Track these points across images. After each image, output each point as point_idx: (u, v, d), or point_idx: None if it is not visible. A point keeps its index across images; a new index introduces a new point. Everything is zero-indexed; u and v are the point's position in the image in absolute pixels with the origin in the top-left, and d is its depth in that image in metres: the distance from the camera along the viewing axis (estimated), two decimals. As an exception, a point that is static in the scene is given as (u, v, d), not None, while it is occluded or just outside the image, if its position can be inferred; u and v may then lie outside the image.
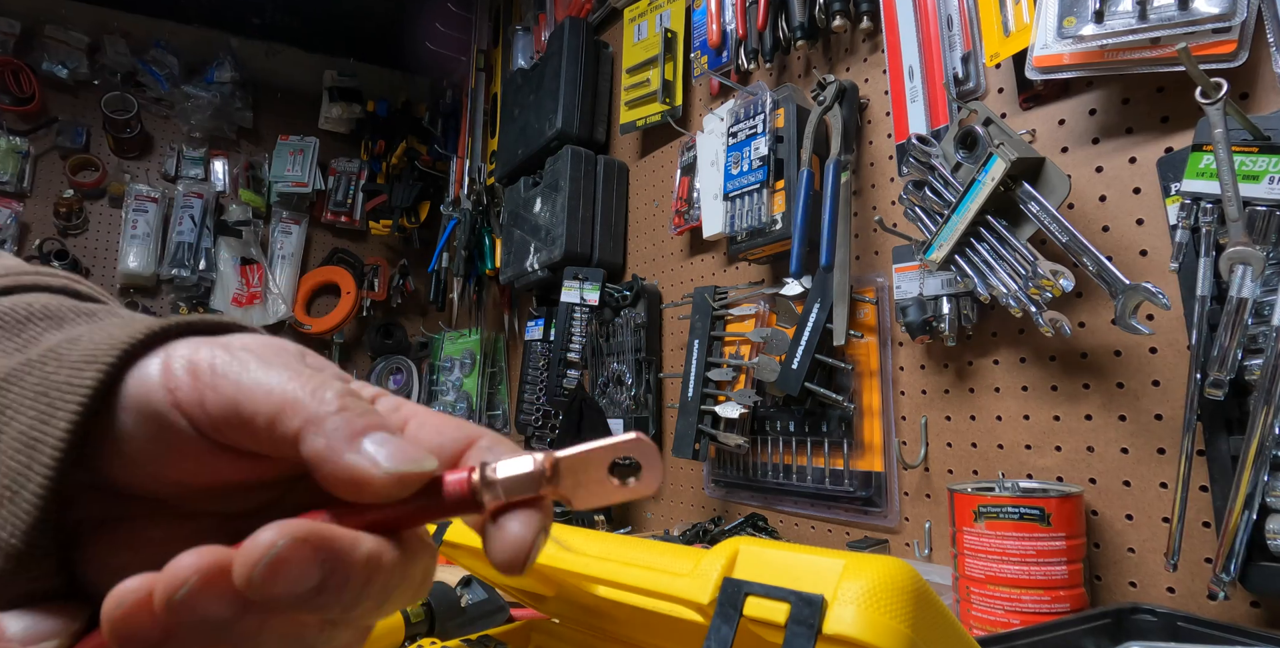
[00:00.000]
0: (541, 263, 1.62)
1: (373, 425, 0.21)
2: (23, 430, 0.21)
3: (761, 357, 1.08)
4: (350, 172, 2.56)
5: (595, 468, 0.22)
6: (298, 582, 0.18)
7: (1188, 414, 0.63)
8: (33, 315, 0.25)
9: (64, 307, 0.25)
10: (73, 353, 0.22)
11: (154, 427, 0.22)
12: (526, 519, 0.21)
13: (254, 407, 0.21)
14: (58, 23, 2.23)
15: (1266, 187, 0.59)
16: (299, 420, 0.21)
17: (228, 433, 0.22)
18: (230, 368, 0.22)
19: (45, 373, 0.22)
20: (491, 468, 0.21)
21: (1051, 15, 0.72)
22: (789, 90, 1.11)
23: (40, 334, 0.24)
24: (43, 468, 0.21)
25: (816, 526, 1.07)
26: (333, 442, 0.20)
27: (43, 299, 0.26)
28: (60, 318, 0.25)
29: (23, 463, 0.21)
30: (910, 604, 0.31)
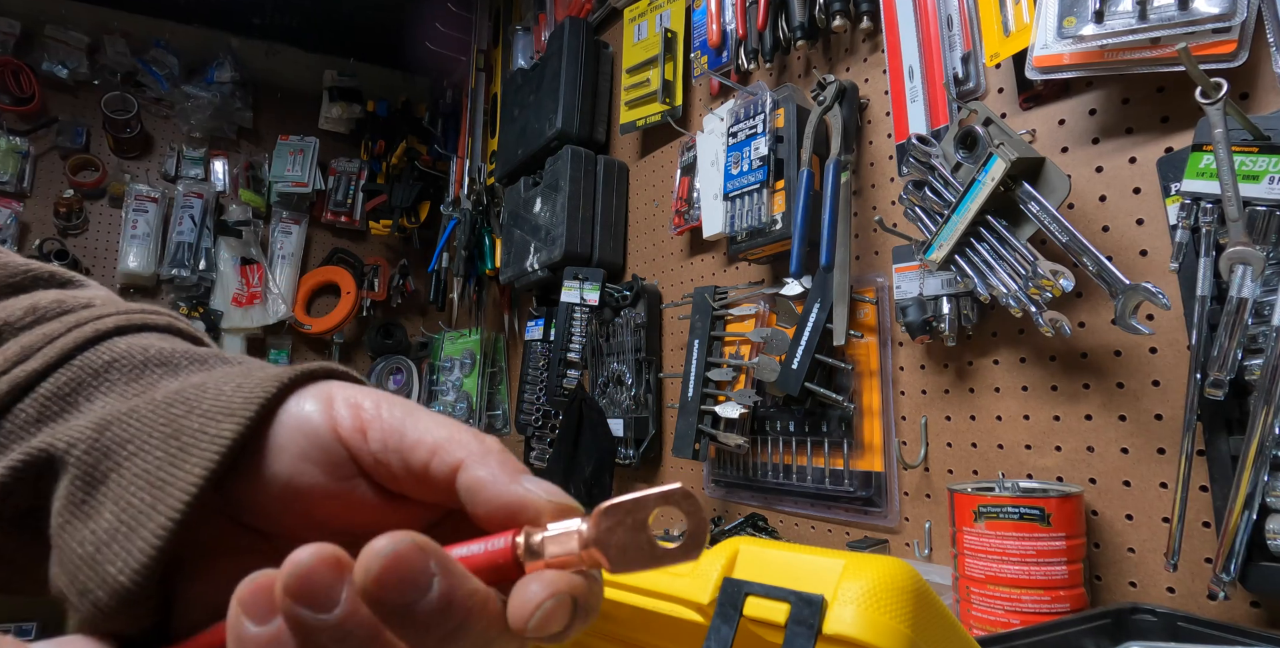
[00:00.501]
0: (541, 263, 1.62)
1: (526, 470, 0.23)
2: (148, 468, 0.22)
3: (761, 357, 1.08)
4: (350, 172, 2.56)
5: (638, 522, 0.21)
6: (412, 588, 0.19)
7: (1188, 414, 0.63)
8: (149, 361, 0.25)
9: (177, 352, 0.26)
10: (203, 402, 0.23)
11: (309, 462, 0.23)
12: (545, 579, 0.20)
13: (418, 436, 0.23)
14: (58, 23, 2.23)
15: (1266, 187, 0.59)
16: (463, 453, 0.22)
17: (386, 462, 0.23)
18: (393, 407, 0.24)
19: (173, 416, 0.23)
20: (535, 532, 0.21)
21: (1051, 15, 0.72)
22: (789, 90, 1.11)
23: (158, 380, 0.25)
24: (169, 509, 0.21)
25: (816, 526, 1.07)
26: (498, 474, 0.22)
27: (156, 342, 0.26)
28: (175, 365, 0.25)
29: (146, 501, 0.21)
30: (910, 604, 0.31)
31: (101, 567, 0.21)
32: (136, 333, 0.27)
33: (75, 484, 0.22)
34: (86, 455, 0.22)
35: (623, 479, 1.49)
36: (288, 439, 0.23)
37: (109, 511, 0.21)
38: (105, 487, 0.22)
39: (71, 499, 0.22)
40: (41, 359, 0.24)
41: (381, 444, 0.23)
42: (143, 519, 0.21)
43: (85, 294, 0.29)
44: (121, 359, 0.25)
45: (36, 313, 0.26)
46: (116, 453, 0.22)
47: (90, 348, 0.25)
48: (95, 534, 0.21)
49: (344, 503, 0.24)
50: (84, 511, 0.22)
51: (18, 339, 0.25)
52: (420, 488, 0.23)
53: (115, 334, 0.26)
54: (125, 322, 0.27)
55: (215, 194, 2.37)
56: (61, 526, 0.22)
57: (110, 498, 0.22)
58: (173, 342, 0.27)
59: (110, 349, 0.25)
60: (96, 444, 0.22)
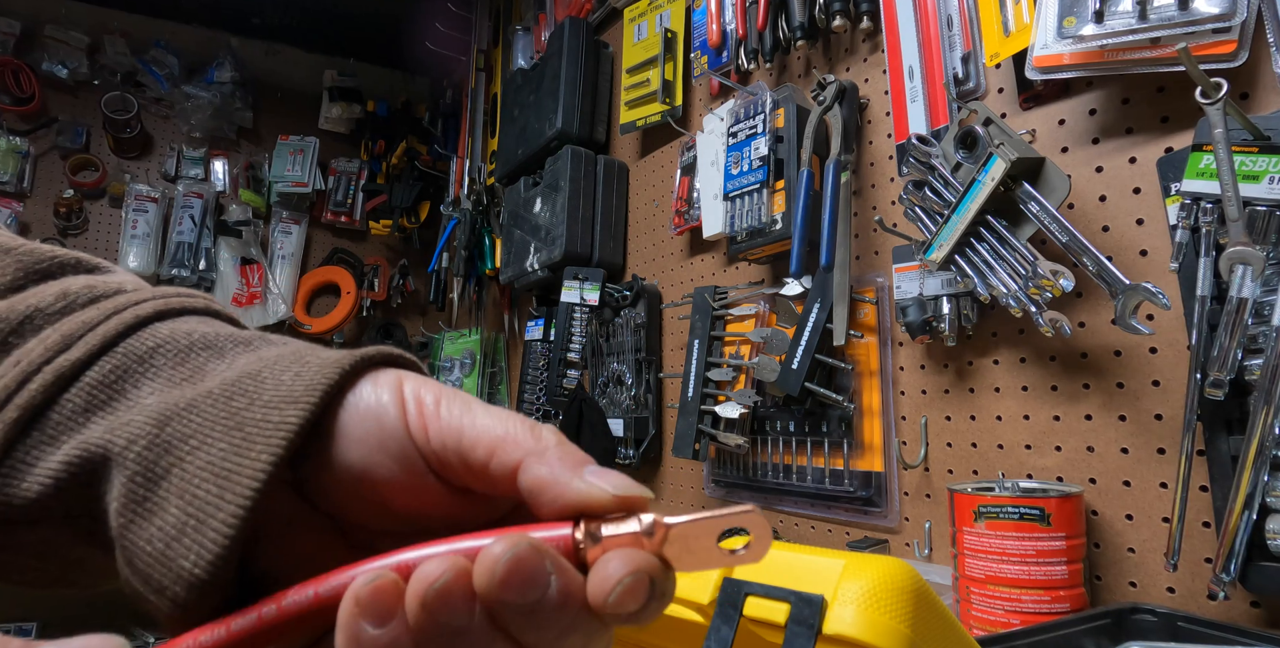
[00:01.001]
0: (541, 263, 1.62)
1: (587, 460, 0.22)
2: (212, 460, 0.21)
3: (761, 357, 1.08)
4: (350, 172, 2.56)
5: (704, 537, 0.21)
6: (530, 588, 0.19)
7: (1188, 414, 0.63)
8: (194, 346, 0.25)
9: (221, 336, 0.26)
10: (264, 393, 0.23)
11: (384, 454, 0.23)
12: (624, 557, 0.20)
13: (475, 435, 0.23)
14: (58, 23, 2.23)
15: (1266, 187, 0.59)
16: (520, 453, 0.22)
17: (448, 462, 0.23)
18: (452, 403, 0.23)
19: (234, 409, 0.22)
20: (595, 525, 0.21)
21: (1051, 15, 0.72)
22: (789, 90, 1.11)
23: (204, 364, 0.25)
24: (238, 498, 0.21)
25: (816, 526, 1.07)
26: (559, 471, 0.22)
27: (198, 327, 0.26)
28: (220, 348, 0.25)
29: (213, 492, 0.21)
30: (910, 604, 0.31)
31: (174, 562, 0.21)
32: (176, 317, 0.27)
33: (135, 481, 0.22)
34: (147, 452, 0.22)
35: (623, 479, 1.49)
36: (363, 429, 0.23)
37: (174, 506, 0.21)
38: (167, 482, 0.22)
39: (132, 497, 0.22)
40: (84, 347, 0.24)
41: (441, 444, 0.23)
42: (211, 511, 0.21)
43: (114, 279, 0.28)
44: (166, 345, 0.25)
45: (67, 298, 0.26)
46: (178, 448, 0.22)
47: (133, 334, 0.25)
48: (163, 530, 0.21)
49: (416, 495, 0.24)
50: (147, 508, 0.21)
51: (57, 327, 0.25)
52: (485, 486, 0.23)
53: (155, 319, 0.26)
54: (164, 306, 0.26)
55: (215, 194, 2.37)
56: (125, 525, 0.21)
57: (174, 493, 0.21)
58: (213, 325, 0.27)
59: (153, 335, 0.25)
60: (157, 440, 0.22)
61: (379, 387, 0.24)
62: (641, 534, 0.21)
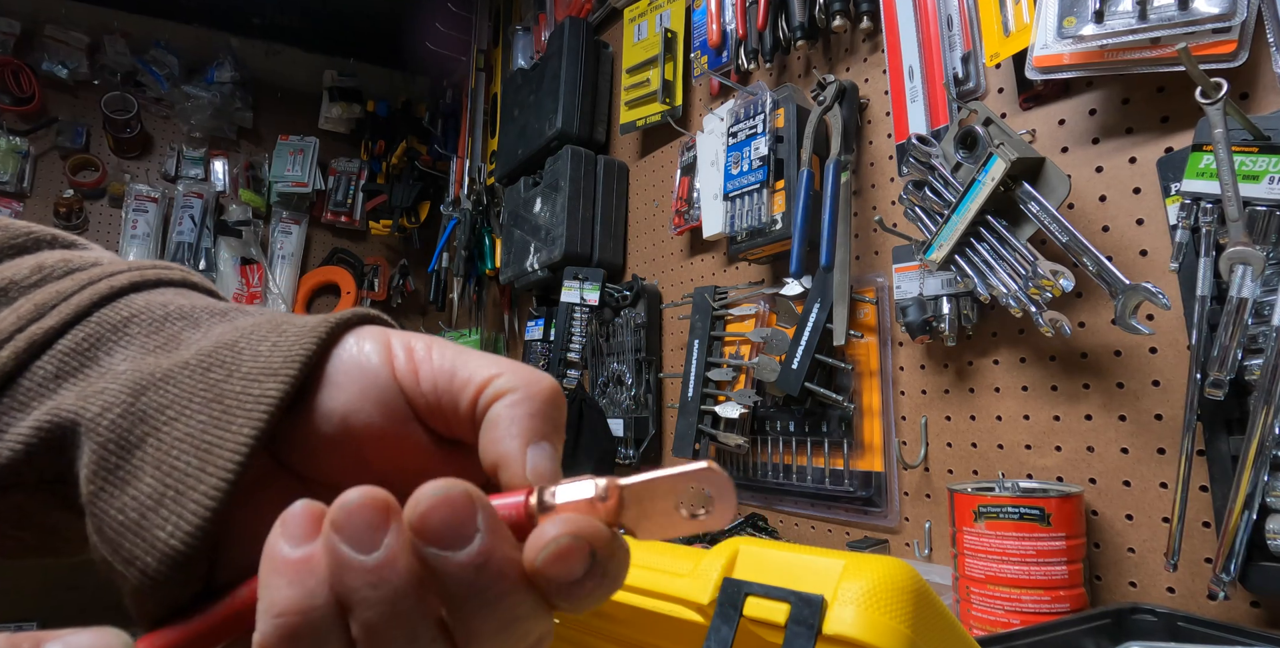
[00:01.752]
0: (541, 263, 1.62)
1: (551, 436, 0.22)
2: (191, 432, 0.21)
3: (761, 357, 1.08)
4: (350, 172, 2.56)
5: (662, 498, 0.20)
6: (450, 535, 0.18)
7: (1188, 414, 0.63)
8: (169, 315, 0.25)
9: (197, 307, 0.26)
10: (242, 365, 0.22)
11: (367, 400, 0.23)
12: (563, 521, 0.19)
13: (468, 374, 0.23)
14: (58, 23, 2.23)
15: (1266, 187, 0.59)
16: (508, 384, 0.22)
17: (438, 404, 0.23)
18: (444, 348, 0.24)
19: (213, 381, 0.22)
20: (550, 492, 0.20)
21: (1051, 15, 0.72)
22: (789, 90, 1.11)
23: (179, 333, 0.24)
24: (220, 471, 0.20)
25: (816, 526, 1.07)
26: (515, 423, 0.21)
27: (174, 298, 0.26)
28: (195, 318, 0.25)
29: (193, 464, 0.21)
30: (910, 604, 0.31)
31: (149, 532, 0.20)
32: (152, 288, 0.26)
33: (108, 449, 0.21)
34: (121, 420, 0.21)
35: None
36: (345, 378, 0.23)
37: (150, 476, 0.21)
38: (141, 451, 0.21)
39: (104, 465, 0.21)
40: (57, 316, 0.24)
41: (433, 385, 0.23)
42: (191, 482, 0.20)
43: (90, 254, 0.28)
44: (140, 314, 0.25)
45: (42, 271, 0.26)
46: (154, 418, 0.21)
47: (108, 304, 0.25)
48: (138, 500, 0.21)
49: (397, 447, 0.23)
50: (120, 476, 0.21)
51: (30, 297, 0.24)
52: (473, 429, 0.22)
53: (131, 290, 0.26)
54: (139, 278, 0.26)
55: (215, 194, 2.37)
56: (95, 493, 0.21)
57: (150, 463, 0.21)
58: (190, 297, 0.27)
59: (128, 305, 0.25)
60: (131, 409, 0.22)
61: (362, 339, 0.24)
62: (595, 499, 0.20)
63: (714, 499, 0.20)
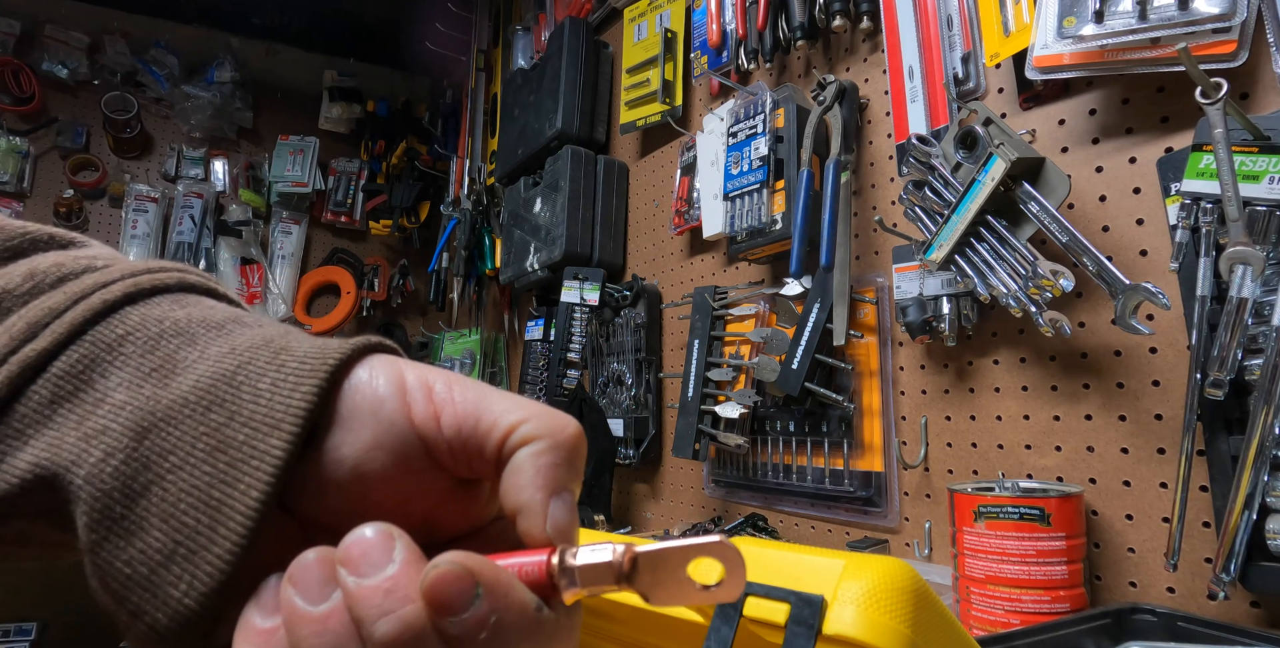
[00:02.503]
0: (541, 263, 1.62)
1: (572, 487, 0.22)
2: (197, 486, 0.21)
3: (761, 357, 1.08)
4: (350, 172, 2.56)
5: (676, 566, 0.21)
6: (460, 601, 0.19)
7: (1188, 414, 0.63)
8: (164, 333, 0.24)
9: (192, 320, 0.25)
10: (242, 406, 0.22)
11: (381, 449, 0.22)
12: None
13: (493, 418, 0.22)
14: (58, 23, 2.23)
15: (1266, 187, 0.59)
16: (536, 432, 0.22)
17: (461, 448, 0.22)
18: (466, 389, 0.23)
19: (214, 425, 0.21)
20: (571, 553, 0.21)
21: (1051, 15, 0.72)
22: (789, 90, 1.11)
23: (174, 353, 0.23)
24: (231, 532, 0.20)
25: (816, 526, 1.07)
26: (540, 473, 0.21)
27: (170, 312, 0.25)
28: (191, 334, 0.24)
29: (203, 522, 0.20)
30: (910, 605, 0.31)
31: (161, 589, 0.20)
32: (147, 299, 0.25)
33: (112, 497, 0.21)
34: (124, 467, 0.21)
35: (622, 479, 1.49)
36: (359, 423, 0.22)
37: (158, 530, 0.21)
38: (146, 501, 0.21)
39: (108, 514, 0.21)
40: (50, 337, 0.23)
41: (456, 431, 0.22)
42: (203, 542, 0.20)
43: (85, 256, 0.27)
44: (135, 333, 0.24)
45: (34, 279, 0.25)
46: (158, 464, 0.21)
47: (102, 321, 0.24)
48: (146, 554, 0.20)
49: (408, 491, 0.23)
50: (124, 526, 0.21)
51: (22, 314, 0.24)
52: (496, 471, 0.22)
53: (126, 303, 0.25)
54: (133, 288, 0.25)
55: (215, 194, 2.37)
56: (98, 542, 0.21)
57: (156, 515, 0.21)
58: (186, 305, 0.26)
59: (123, 322, 0.24)
60: (134, 454, 0.21)
61: (375, 375, 0.23)
62: (614, 563, 0.21)
63: (726, 572, 0.21)
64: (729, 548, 0.21)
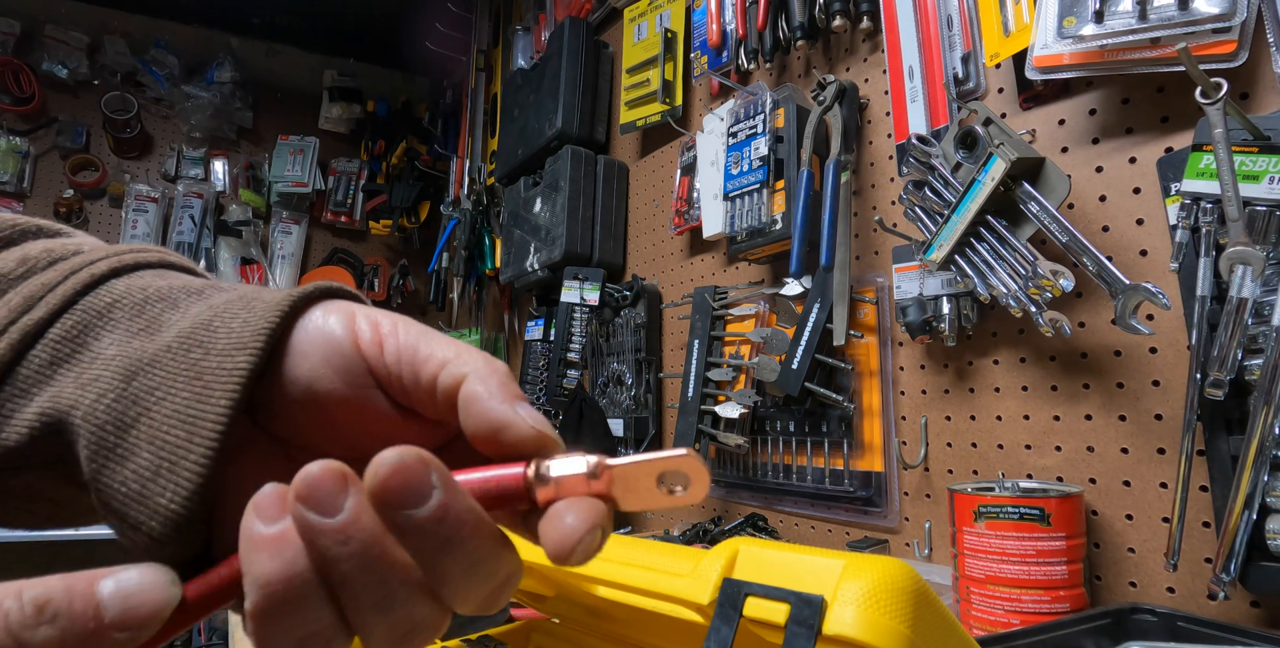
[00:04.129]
0: (541, 263, 1.62)
1: (524, 397, 0.24)
2: (177, 409, 0.23)
3: (761, 357, 1.08)
4: (350, 172, 2.56)
5: (644, 477, 0.22)
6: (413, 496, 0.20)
7: (1188, 414, 0.63)
8: (149, 298, 0.27)
9: (174, 288, 0.27)
10: (216, 342, 0.24)
11: (329, 368, 0.25)
12: (580, 511, 0.22)
13: (430, 351, 0.25)
14: (58, 23, 2.23)
15: (1266, 187, 0.59)
16: (468, 368, 0.24)
17: (399, 375, 0.25)
18: (410, 326, 0.26)
19: (192, 360, 0.24)
20: (545, 466, 0.23)
21: (1051, 15, 0.72)
22: (789, 90, 1.11)
23: (160, 315, 0.26)
24: (205, 440, 0.23)
25: (816, 526, 1.07)
26: (495, 391, 0.24)
27: (153, 281, 0.28)
28: (173, 299, 0.27)
29: (181, 437, 0.23)
30: (910, 605, 0.31)
31: (151, 499, 0.23)
32: (131, 273, 0.28)
33: (106, 430, 0.23)
34: (116, 404, 0.24)
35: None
36: (310, 347, 0.25)
37: (146, 451, 0.23)
38: (135, 430, 0.23)
39: (103, 445, 0.23)
40: (45, 307, 0.26)
41: (396, 358, 0.25)
42: (181, 453, 0.23)
43: (72, 242, 0.30)
44: (122, 299, 0.26)
45: (27, 263, 0.27)
46: (144, 400, 0.24)
47: (91, 292, 0.27)
48: (137, 472, 0.23)
49: (360, 412, 0.25)
50: (118, 453, 0.23)
51: (18, 290, 0.26)
52: (429, 402, 0.25)
53: (111, 276, 0.27)
54: (118, 263, 0.28)
55: (215, 194, 2.37)
56: (97, 470, 0.23)
57: (144, 440, 0.23)
58: (167, 278, 0.28)
59: (110, 291, 0.27)
60: (124, 394, 0.24)
61: (328, 313, 0.26)
62: (587, 475, 0.22)
63: (690, 480, 0.22)
64: (695, 462, 0.22)
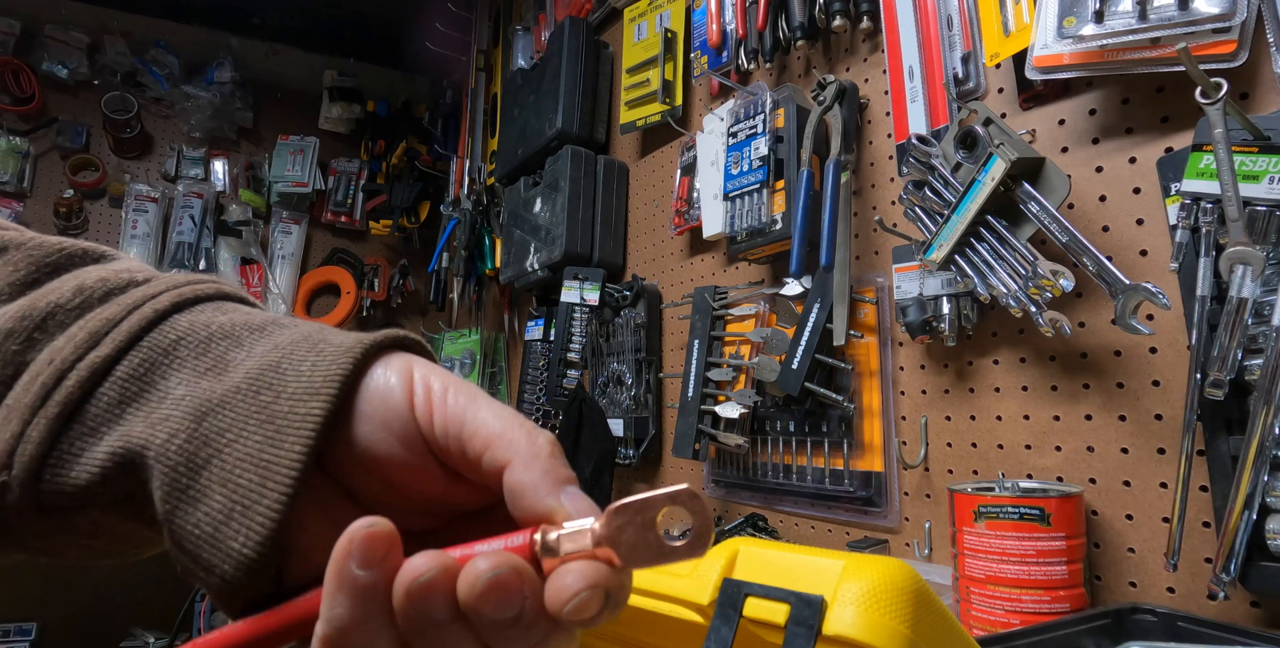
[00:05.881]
0: (541, 263, 1.62)
1: (571, 479, 0.24)
2: (250, 452, 0.24)
3: (761, 357, 1.08)
4: (350, 172, 2.56)
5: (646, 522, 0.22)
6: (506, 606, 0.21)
7: (1188, 414, 0.63)
8: (213, 336, 0.27)
9: (236, 324, 0.28)
10: (287, 386, 0.25)
11: (388, 431, 0.25)
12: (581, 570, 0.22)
13: (475, 428, 0.24)
14: (58, 23, 2.22)
15: (1266, 187, 0.59)
16: (512, 453, 0.24)
17: (446, 448, 0.25)
18: (459, 394, 0.25)
19: (263, 403, 0.24)
20: (553, 532, 0.23)
21: (1051, 15, 0.72)
22: (789, 90, 1.11)
23: (225, 353, 0.26)
24: (279, 486, 0.23)
25: (816, 526, 1.07)
26: (540, 483, 0.23)
27: (215, 317, 0.28)
28: (237, 337, 0.27)
29: (254, 481, 0.23)
30: (910, 605, 0.31)
31: (224, 543, 0.23)
32: (191, 307, 0.28)
33: (179, 471, 0.24)
34: (187, 445, 0.24)
35: (622, 479, 1.49)
36: (371, 409, 0.25)
37: (218, 493, 0.23)
38: (208, 472, 0.23)
39: (176, 485, 0.24)
40: (112, 344, 0.26)
41: (443, 430, 0.25)
42: (255, 497, 0.23)
43: (123, 269, 0.30)
44: (187, 337, 0.27)
45: (84, 294, 0.27)
46: (215, 441, 0.24)
47: (155, 328, 0.27)
48: (210, 515, 0.23)
49: (416, 474, 0.25)
50: (191, 495, 0.23)
51: (82, 324, 0.26)
52: (475, 476, 0.25)
53: (173, 311, 0.28)
54: (178, 297, 0.28)
55: (215, 194, 2.37)
56: (171, 511, 0.23)
57: (216, 482, 0.23)
58: (227, 312, 0.29)
59: (174, 328, 0.27)
60: (195, 434, 0.24)
61: (389, 370, 0.26)
62: (590, 531, 0.22)
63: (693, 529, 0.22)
64: (694, 497, 0.22)
